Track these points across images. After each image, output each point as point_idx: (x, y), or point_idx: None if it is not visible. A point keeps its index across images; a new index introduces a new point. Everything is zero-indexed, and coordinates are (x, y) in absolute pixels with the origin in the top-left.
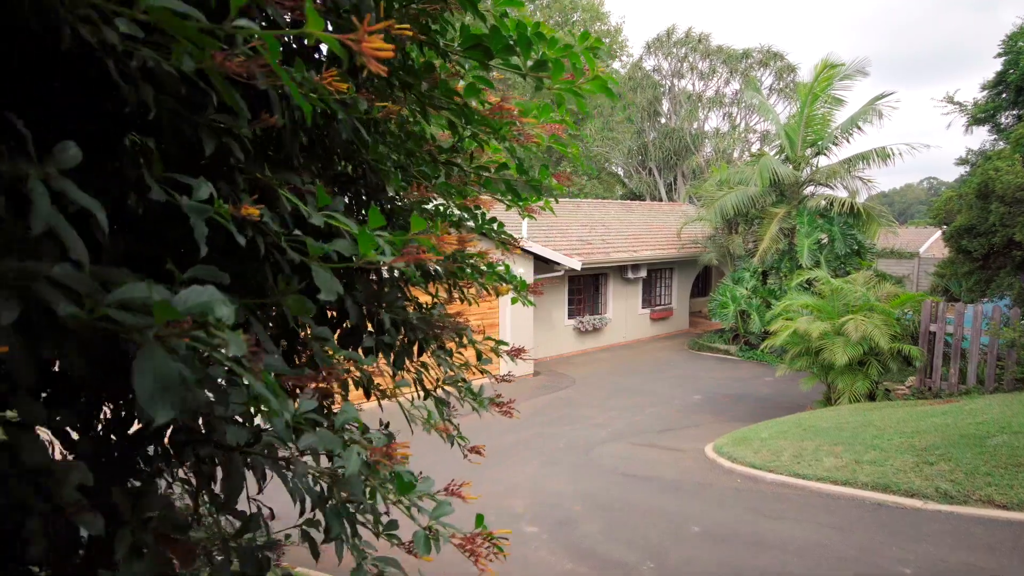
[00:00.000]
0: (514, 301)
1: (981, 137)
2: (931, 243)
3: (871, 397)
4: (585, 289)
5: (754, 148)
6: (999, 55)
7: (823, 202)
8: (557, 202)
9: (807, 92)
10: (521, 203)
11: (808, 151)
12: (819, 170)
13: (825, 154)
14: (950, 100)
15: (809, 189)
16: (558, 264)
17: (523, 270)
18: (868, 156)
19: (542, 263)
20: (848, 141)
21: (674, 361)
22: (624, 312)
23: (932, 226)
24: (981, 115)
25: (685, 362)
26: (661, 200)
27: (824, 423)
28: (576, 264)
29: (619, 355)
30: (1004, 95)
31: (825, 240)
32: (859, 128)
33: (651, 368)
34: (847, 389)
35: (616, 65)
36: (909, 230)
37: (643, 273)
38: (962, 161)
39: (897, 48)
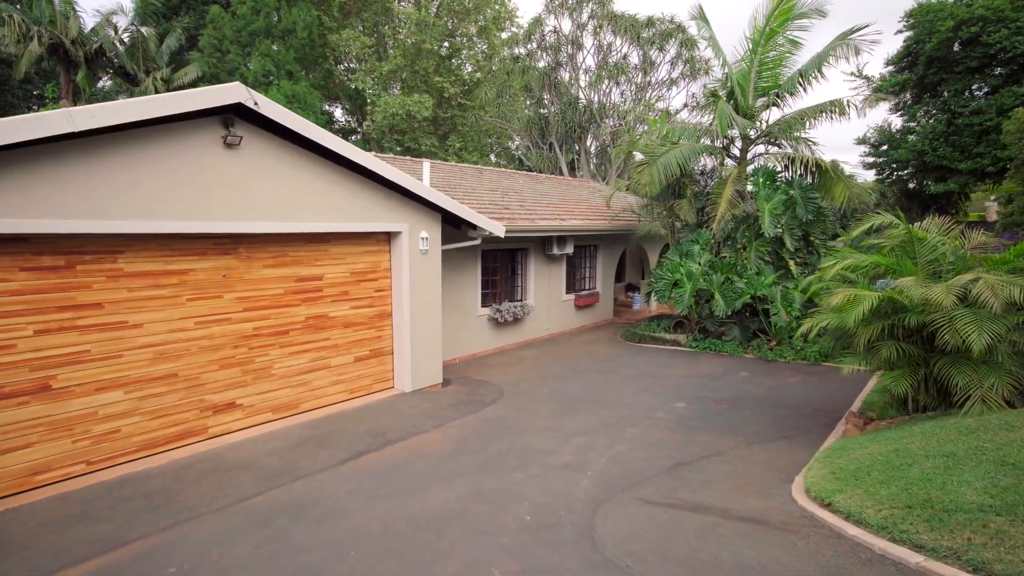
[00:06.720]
0: None
1: (879, 116)
2: None
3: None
4: (502, 269)
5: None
6: (900, 31)
7: (774, 162)
8: None
9: (760, 31)
10: None
11: (759, 102)
12: (776, 123)
13: (779, 105)
14: (859, 74)
15: (759, 148)
16: (475, 229)
17: (426, 234)
18: (824, 109)
19: (451, 228)
20: (805, 90)
21: (618, 357)
22: (547, 298)
23: None
24: (891, 89)
25: (632, 358)
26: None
27: None
28: (499, 230)
29: (547, 352)
30: (909, 71)
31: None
32: (820, 75)
33: (595, 368)
34: (973, 388)
35: (505, 36)
36: None
37: (569, 249)
38: (861, 140)
39: None
